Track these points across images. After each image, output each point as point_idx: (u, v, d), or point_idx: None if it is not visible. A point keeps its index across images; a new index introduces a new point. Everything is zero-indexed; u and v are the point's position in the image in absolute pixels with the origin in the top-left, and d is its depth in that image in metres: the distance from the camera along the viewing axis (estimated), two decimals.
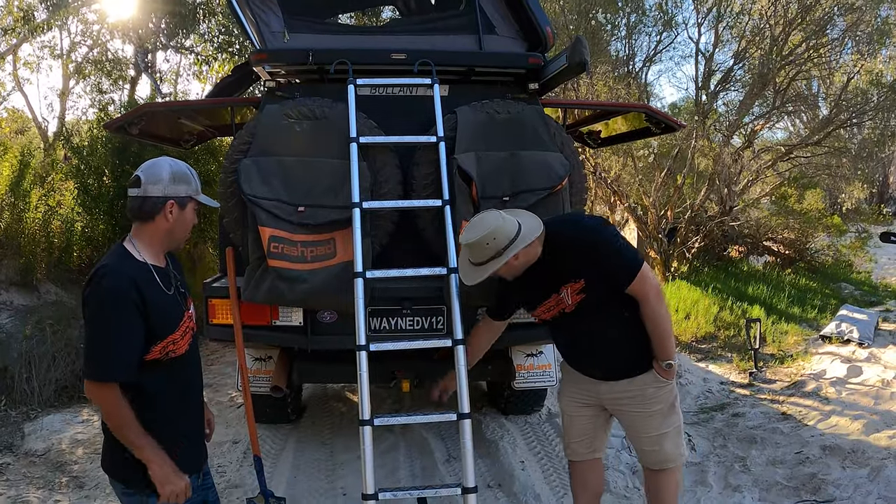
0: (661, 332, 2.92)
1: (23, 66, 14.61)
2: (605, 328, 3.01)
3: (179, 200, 2.38)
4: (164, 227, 2.37)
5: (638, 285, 2.86)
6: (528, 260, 2.96)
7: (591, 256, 2.87)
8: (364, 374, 3.33)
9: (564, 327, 3.13)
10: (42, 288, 7.40)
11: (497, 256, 2.90)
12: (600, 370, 3.11)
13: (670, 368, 2.97)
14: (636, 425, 3.12)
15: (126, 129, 4.57)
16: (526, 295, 3.15)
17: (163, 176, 2.34)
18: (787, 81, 11.13)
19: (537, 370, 4.85)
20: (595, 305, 2.93)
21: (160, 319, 2.27)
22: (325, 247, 3.74)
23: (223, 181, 3.96)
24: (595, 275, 2.87)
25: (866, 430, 4.82)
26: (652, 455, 3.14)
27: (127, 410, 2.19)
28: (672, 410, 3.07)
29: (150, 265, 2.33)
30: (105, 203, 7.64)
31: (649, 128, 4.89)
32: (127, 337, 2.19)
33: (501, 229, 2.89)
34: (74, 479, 4.46)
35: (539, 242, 2.97)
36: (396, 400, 5.88)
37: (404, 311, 4.01)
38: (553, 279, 2.97)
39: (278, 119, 3.92)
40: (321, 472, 4.61)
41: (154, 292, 2.27)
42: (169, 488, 2.24)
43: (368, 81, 4.06)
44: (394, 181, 3.98)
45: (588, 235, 2.93)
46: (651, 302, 2.87)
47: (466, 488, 3.25)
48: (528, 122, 4.01)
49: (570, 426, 3.33)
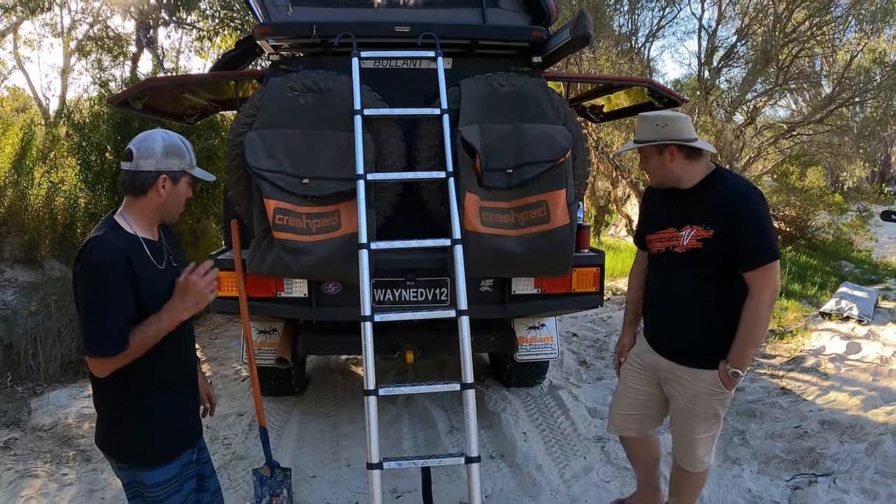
0: (749, 335, 2.74)
1: (23, 45, 14.55)
2: (699, 297, 2.88)
3: (172, 175, 2.31)
4: (157, 202, 2.30)
5: (760, 276, 2.71)
6: (680, 172, 2.89)
7: (737, 217, 2.73)
8: (369, 344, 3.36)
9: (663, 273, 3.04)
10: (46, 264, 7.41)
11: (656, 140, 2.86)
12: (670, 340, 3.04)
13: (734, 378, 2.81)
14: (675, 415, 3.10)
15: (129, 103, 4.57)
16: (655, 215, 3.08)
17: (155, 149, 2.27)
18: (789, 59, 11.08)
19: (539, 343, 4.91)
20: (704, 263, 2.82)
21: (151, 293, 2.22)
22: (329, 218, 3.76)
23: (228, 154, 3.97)
24: (727, 236, 2.74)
25: (864, 405, 4.89)
26: (679, 450, 3.16)
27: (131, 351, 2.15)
28: (715, 420, 3.00)
29: (141, 238, 2.28)
30: (107, 179, 7.62)
31: (652, 102, 4.89)
32: (120, 310, 2.14)
33: (678, 121, 2.85)
34: (82, 453, 4.50)
35: (701, 167, 2.90)
36: (400, 372, 5.93)
37: (408, 282, 4.04)
38: (686, 212, 2.87)
39: (283, 92, 3.92)
40: (325, 444, 4.66)
41: (145, 266, 2.22)
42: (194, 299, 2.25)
43: (372, 54, 4.06)
44: (398, 153, 4.00)
45: (750, 198, 2.76)
46: (762, 299, 2.70)
47: (470, 458, 3.28)
48: (531, 94, 4.01)
49: (621, 396, 3.31)
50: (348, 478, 4.18)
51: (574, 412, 4.94)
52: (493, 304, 4.17)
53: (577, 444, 4.50)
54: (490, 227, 3.72)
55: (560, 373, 6.02)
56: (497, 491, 3.99)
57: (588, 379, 5.93)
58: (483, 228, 3.70)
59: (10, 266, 7.03)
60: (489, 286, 4.13)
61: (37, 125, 8.62)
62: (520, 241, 3.77)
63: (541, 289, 4.17)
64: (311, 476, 4.21)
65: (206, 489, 2.61)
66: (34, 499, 3.91)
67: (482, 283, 4.11)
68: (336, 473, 4.25)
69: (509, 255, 3.74)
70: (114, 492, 3.96)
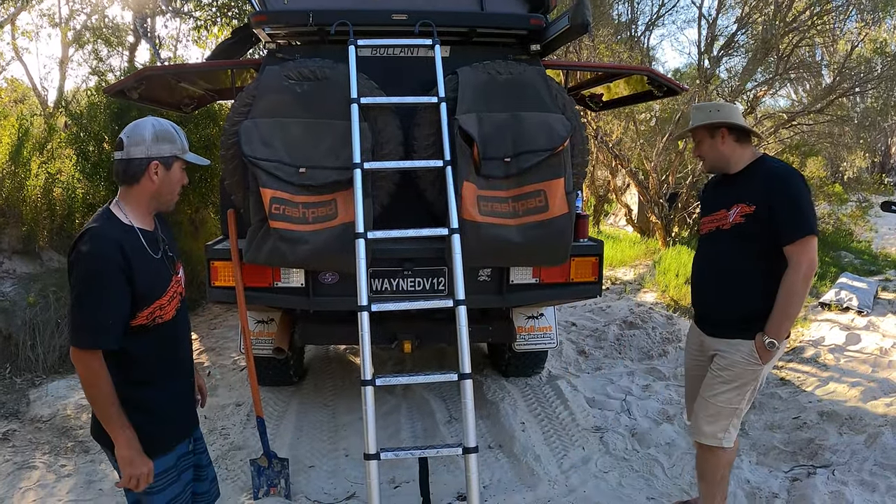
0: (786, 307, 2.89)
1: (21, 36, 14.46)
2: (741, 270, 3.02)
3: (164, 160, 2.29)
4: (150, 189, 2.29)
5: (798, 248, 2.86)
6: (730, 154, 3.10)
7: (777, 193, 2.90)
8: (366, 334, 3.34)
9: (707, 250, 3.23)
10: (44, 255, 7.38)
11: (710, 121, 3.07)
12: (713, 313, 3.17)
13: (771, 350, 2.94)
14: (704, 383, 3.17)
15: (126, 93, 4.54)
16: (709, 202, 3.26)
17: (145, 136, 2.26)
18: (790, 48, 11.03)
19: (538, 332, 4.89)
20: (746, 237, 2.97)
21: (146, 284, 2.21)
22: (326, 208, 3.74)
23: (224, 143, 3.94)
24: (768, 209, 2.90)
25: (864, 397, 4.87)
26: (694, 421, 3.21)
27: (106, 382, 2.14)
28: (738, 392, 3.06)
29: (137, 228, 2.27)
30: (105, 169, 7.59)
31: (651, 91, 4.86)
32: (112, 303, 2.13)
33: (729, 108, 3.11)
34: (80, 444, 4.49)
35: (749, 152, 3.10)
36: (398, 361, 5.92)
37: (405, 271, 4.02)
38: (734, 194, 3.04)
39: (279, 80, 3.90)
40: (323, 434, 4.65)
41: (140, 256, 2.21)
42: (129, 471, 2.19)
43: (369, 42, 4.03)
44: (395, 142, 3.97)
45: (789, 177, 2.95)
46: (799, 271, 2.85)
47: (467, 448, 3.27)
48: (529, 82, 3.98)
49: (691, 388, 3.40)
50: (346, 468, 4.18)
51: (573, 402, 4.93)
52: (490, 294, 4.15)
53: (575, 435, 4.49)
54: (488, 217, 3.70)
55: (559, 363, 6.02)
56: (495, 481, 3.99)
57: (587, 369, 5.93)
58: (481, 217, 3.68)
59: (8, 257, 7.00)
60: (487, 276, 4.11)
61: (33, 116, 8.55)
62: (518, 230, 3.75)
63: (539, 278, 4.16)
64: (308, 466, 4.21)
65: (204, 478, 2.61)
66: (32, 490, 3.90)
67: (480, 273, 4.10)
68: (334, 463, 4.25)
69: (507, 244, 3.73)
70: (111, 483, 3.95)
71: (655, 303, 8.24)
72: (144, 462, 2.21)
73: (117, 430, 2.17)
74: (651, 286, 9.07)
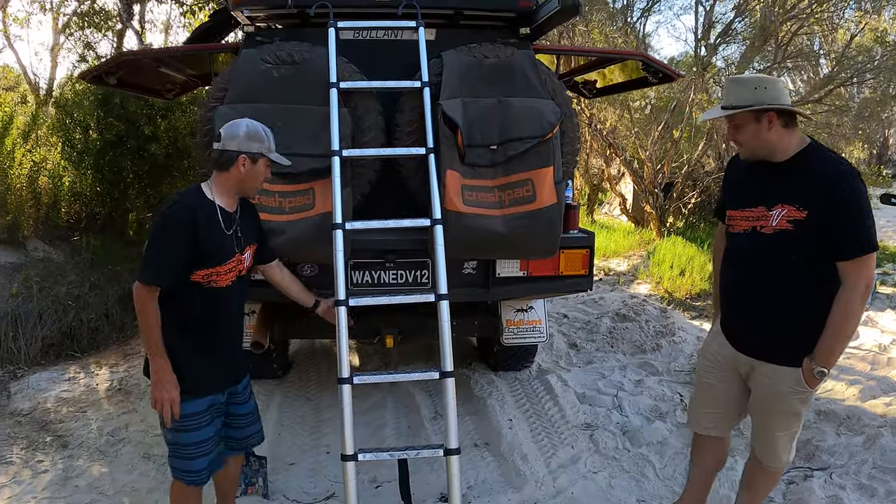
0: (841, 330, 2.51)
1: (13, 23, 14.29)
2: (784, 285, 2.62)
3: (251, 156, 2.74)
4: (237, 177, 2.74)
5: (855, 266, 2.46)
6: (777, 141, 2.61)
7: (836, 198, 2.46)
8: (343, 330, 3.23)
9: (744, 257, 2.76)
10: (29, 245, 7.28)
11: (753, 106, 2.56)
12: (750, 333, 2.79)
13: (820, 378, 2.59)
14: (754, 408, 2.88)
15: (103, 78, 4.38)
16: (742, 190, 2.80)
17: (239, 133, 2.73)
18: (788, 36, 10.88)
19: (527, 325, 4.74)
20: (793, 247, 2.56)
21: (210, 251, 2.64)
22: (303, 197, 3.59)
23: (199, 130, 3.80)
24: (823, 219, 2.48)
25: (862, 395, 4.75)
26: (758, 443, 2.94)
27: (154, 315, 2.58)
28: (795, 418, 2.77)
29: (218, 205, 2.72)
30: (91, 157, 7.45)
31: (646, 77, 4.70)
32: (171, 254, 2.58)
33: (777, 84, 2.59)
34: (59, 439, 4.41)
35: (796, 137, 2.63)
36: (385, 355, 5.78)
37: (388, 264, 3.88)
38: (779, 190, 2.61)
39: (255, 64, 3.74)
40: (305, 430, 4.54)
41: (212, 227, 2.66)
42: (155, 392, 2.63)
43: (350, 24, 3.87)
44: (376, 128, 3.82)
45: (849, 178, 2.49)
46: (855, 292, 2.47)
47: (449, 450, 3.16)
48: (517, 67, 3.82)
49: (701, 394, 3.08)
50: (327, 465, 4.05)
51: (563, 398, 4.80)
52: (476, 287, 4.01)
53: (564, 432, 4.36)
54: (472, 207, 3.55)
55: (549, 356, 5.88)
56: (480, 481, 3.85)
57: (578, 363, 5.79)
58: (465, 208, 3.52)
59: None
60: (472, 268, 3.97)
61: (16, 104, 8.39)
62: (503, 221, 3.60)
63: (527, 271, 4.01)
64: (289, 464, 4.09)
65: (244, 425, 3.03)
66: (7, 487, 3.80)
67: (465, 265, 3.95)
68: (315, 461, 4.13)
69: (492, 235, 3.57)
70: (88, 479, 3.87)
71: (649, 294, 8.12)
72: (171, 388, 2.63)
73: (156, 357, 2.61)
74: (645, 277, 8.95)
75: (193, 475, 2.82)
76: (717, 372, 2.98)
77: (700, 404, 3.10)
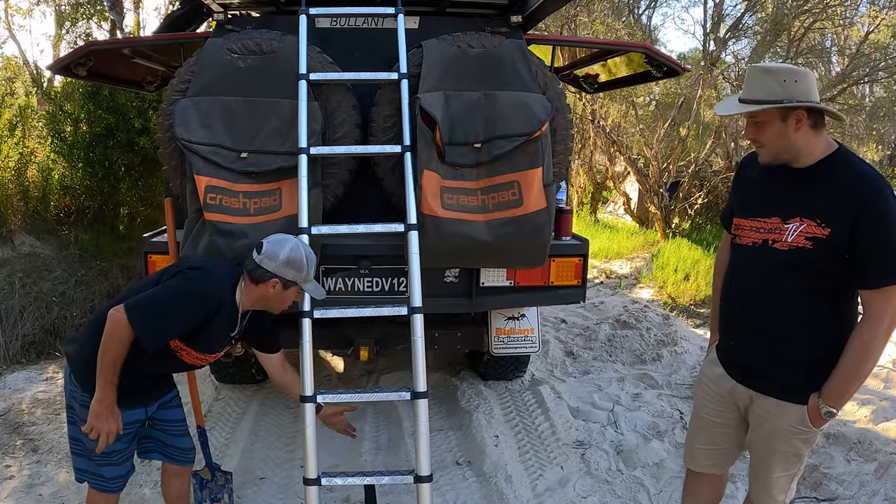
0: (854, 368, 2.19)
1: (16, 13, 14.21)
2: (796, 311, 2.29)
3: (284, 282, 2.67)
4: (264, 295, 2.69)
5: (882, 296, 2.13)
6: (803, 144, 2.23)
7: (866, 216, 2.11)
8: (307, 343, 2.99)
9: (751, 274, 2.40)
10: (16, 239, 7.10)
11: (780, 102, 2.18)
12: (751, 362, 2.45)
13: (827, 419, 2.28)
14: (751, 447, 2.55)
15: (72, 69, 4.10)
16: (754, 197, 2.44)
17: (279, 256, 2.64)
18: (802, 31, 10.54)
19: (518, 335, 4.43)
20: (810, 269, 2.22)
21: (203, 339, 2.63)
22: (269, 198, 3.32)
23: (161, 125, 3.52)
24: (848, 238, 2.13)
25: (875, 417, 4.42)
26: (753, 484, 2.60)
27: (122, 354, 2.48)
28: (797, 459, 2.43)
29: (239, 311, 2.71)
30: (82, 150, 7.22)
31: (650, 71, 4.39)
32: (176, 325, 2.53)
33: (808, 78, 2.19)
34: (30, 442, 4.26)
35: (823, 141, 2.26)
36: (368, 360, 5.49)
37: (362, 270, 3.60)
38: (798, 200, 2.26)
39: (220, 54, 3.46)
40: (280, 440, 4.30)
41: (221, 324, 2.63)
42: (96, 423, 2.51)
43: (325, 11, 3.58)
44: (350, 124, 3.53)
45: (885, 198, 2.12)
46: (879, 326, 2.14)
47: (420, 477, 2.91)
48: (506, 57, 3.52)
49: (697, 429, 2.74)
50: (299, 481, 3.74)
51: (555, 412, 4.52)
52: (458, 297, 3.73)
53: (554, 451, 4.08)
54: (452, 211, 3.26)
55: (544, 365, 5.59)
56: None
57: (574, 372, 5.50)
58: (443, 212, 3.23)
59: None
60: (455, 277, 3.68)
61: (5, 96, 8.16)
62: (487, 227, 3.31)
63: (514, 281, 3.73)
64: (259, 478, 3.85)
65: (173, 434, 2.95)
66: None
67: (447, 274, 3.67)
68: (287, 476, 3.89)
69: (474, 243, 3.29)
70: (53, 487, 3.73)
71: (652, 300, 7.82)
72: (114, 421, 2.55)
73: (107, 388, 2.51)
74: (648, 281, 8.64)
75: (102, 481, 2.77)
76: (714, 405, 2.64)
77: (696, 440, 2.76)
